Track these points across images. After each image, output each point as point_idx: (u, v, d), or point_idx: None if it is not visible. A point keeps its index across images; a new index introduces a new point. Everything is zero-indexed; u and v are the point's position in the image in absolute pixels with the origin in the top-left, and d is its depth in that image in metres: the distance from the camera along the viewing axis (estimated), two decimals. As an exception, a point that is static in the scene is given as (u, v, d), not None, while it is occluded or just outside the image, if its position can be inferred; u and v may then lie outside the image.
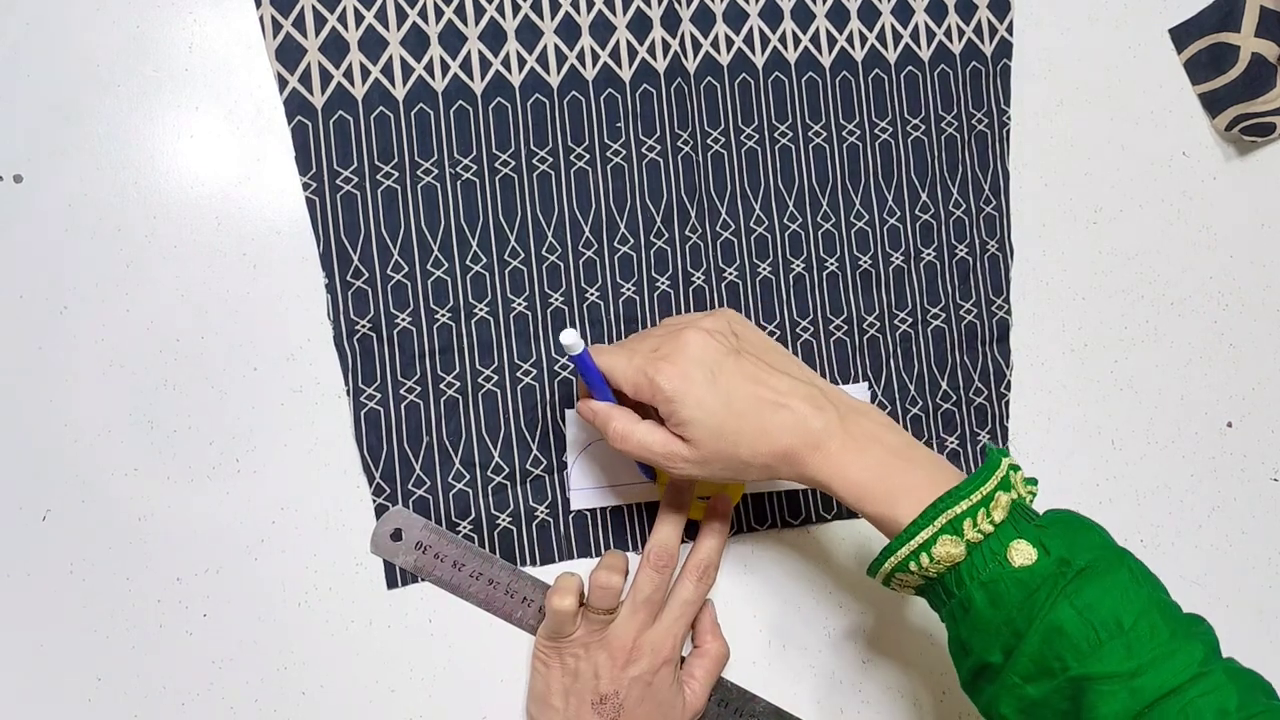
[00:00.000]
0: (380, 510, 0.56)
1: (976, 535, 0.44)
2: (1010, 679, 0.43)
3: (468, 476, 0.56)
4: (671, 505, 0.55)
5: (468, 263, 0.57)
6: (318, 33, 0.55)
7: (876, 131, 0.62)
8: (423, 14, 0.56)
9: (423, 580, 0.56)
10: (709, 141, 0.60)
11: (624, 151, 0.59)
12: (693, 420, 0.47)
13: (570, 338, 0.48)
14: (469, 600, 0.56)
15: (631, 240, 0.59)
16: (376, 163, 0.56)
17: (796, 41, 0.61)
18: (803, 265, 0.61)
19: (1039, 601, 0.42)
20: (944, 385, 0.62)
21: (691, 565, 0.55)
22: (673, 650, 0.54)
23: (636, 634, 0.53)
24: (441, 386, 0.56)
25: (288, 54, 0.55)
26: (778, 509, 0.60)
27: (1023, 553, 0.43)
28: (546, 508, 0.57)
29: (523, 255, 0.57)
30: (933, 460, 0.47)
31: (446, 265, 0.56)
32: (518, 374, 0.57)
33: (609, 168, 0.58)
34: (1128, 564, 0.44)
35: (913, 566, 0.45)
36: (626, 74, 0.59)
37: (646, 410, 0.51)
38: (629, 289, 0.59)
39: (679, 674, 0.55)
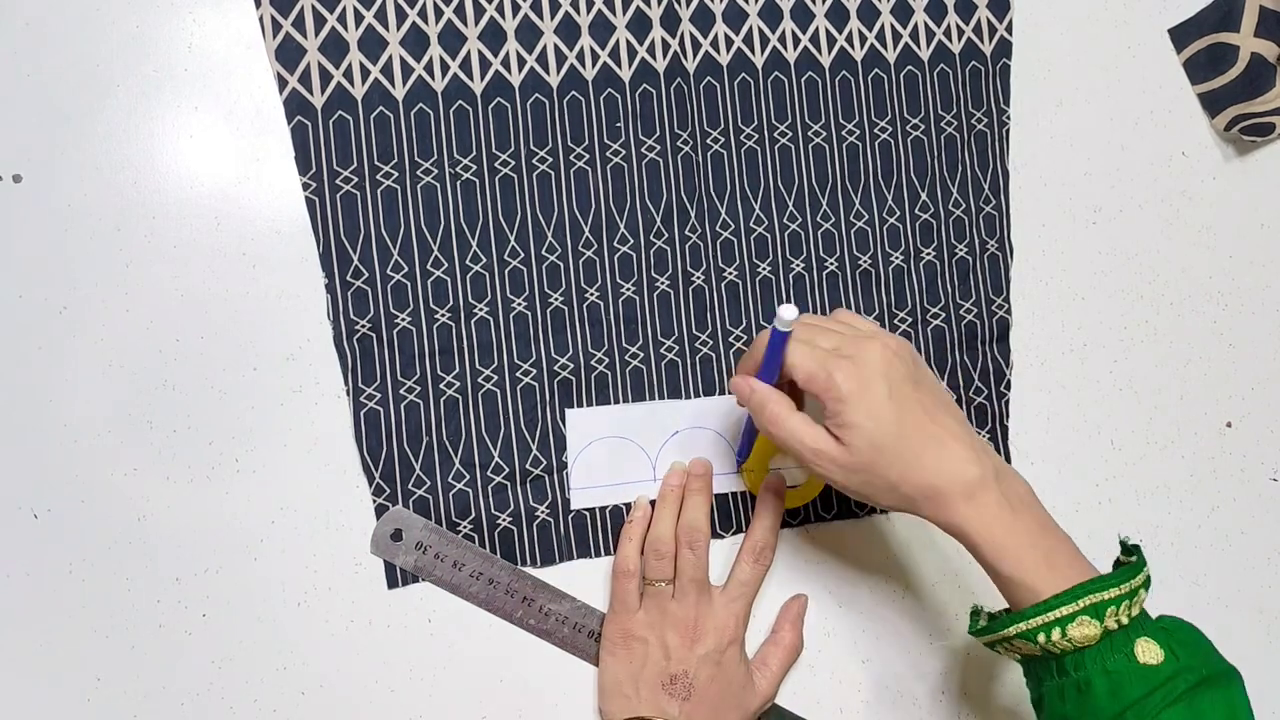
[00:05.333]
0: (380, 510, 0.56)
1: (1114, 624, 0.45)
2: None
3: (468, 476, 0.56)
4: (695, 490, 0.57)
5: (468, 263, 0.57)
6: (317, 33, 0.55)
7: (876, 131, 0.62)
8: (422, 14, 0.56)
9: (423, 580, 0.56)
10: (709, 141, 0.60)
11: (624, 151, 0.59)
12: (857, 426, 0.47)
13: (790, 314, 0.47)
14: (469, 600, 0.56)
15: (631, 240, 0.59)
16: (376, 163, 0.56)
17: (796, 41, 0.61)
18: (802, 265, 0.61)
19: (1155, 701, 0.44)
20: (944, 385, 0.62)
21: (747, 547, 0.57)
22: (736, 630, 0.55)
23: (696, 612, 0.54)
24: (441, 386, 0.56)
25: (287, 54, 0.55)
26: (778, 509, 0.60)
27: (1150, 651, 0.45)
28: (547, 508, 0.57)
29: (522, 255, 0.57)
30: (1071, 543, 0.48)
31: (446, 265, 0.56)
32: (518, 374, 0.57)
33: (609, 168, 0.58)
34: (1238, 683, 0.46)
35: (1040, 638, 0.45)
36: (626, 74, 0.59)
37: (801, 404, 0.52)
38: (629, 289, 0.59)
39: (747, 659, 0.56)
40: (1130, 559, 0.48)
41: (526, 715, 0.56)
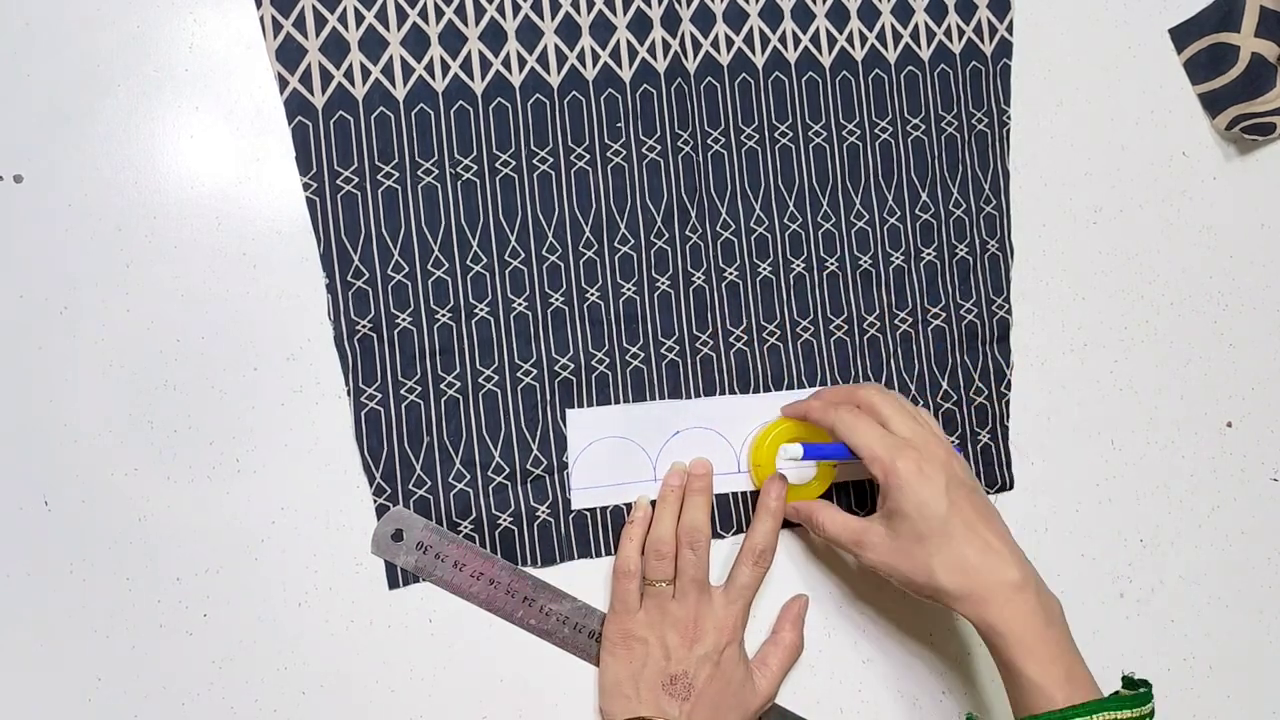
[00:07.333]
0: (381, 510, 0.56)
1: None
2: None
3: (468, 476, 0.56)
4: (695, 491, 0.57)
5: (468, 263, 0.57)
6: (318, 33, 0.55)
7: (876, 131, 0.62)
8: (423, 14, 0.56)
9: (423, 580, 0.56)
10: (709, 141, 0.60)
11: (624, 151, 0.59)
12: (905, 515, 0.51)
13: (792, 452, 0.56)
14: (470, 600, 0.56)
15: (632, 240, 0.59)
16: (377, 163, 0.56)
17: (796, 41, 0.61)
18: (803, 265, 0.61)
19: None
20: (944, 385, 0.62)
21: (746, 550, 0.57)
22: (734, 630, 0.55)
23: (696, 612, 0.55)
24: (442, 386, 0.56)
25: (288, 54, 0.55)
26: (778, 509, 0.60)
27: None
28: (547, 508, 0.57)
29: (523, 255, 0.57)
30: (1086, 666, 0.50)
31: (447, 265, 0.56)
32: (518, 374, 0.57)
33: (609, 168, 0.58)
34: None
35: None
36: (627, 74, 0.59)
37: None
38: (629, 289, 0.59)
39: (746, 659, 0.56)
40: (1136, 690, 0.49)
41: (526, 715, 0.56)
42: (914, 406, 0.56)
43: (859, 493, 0.61)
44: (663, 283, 0.59)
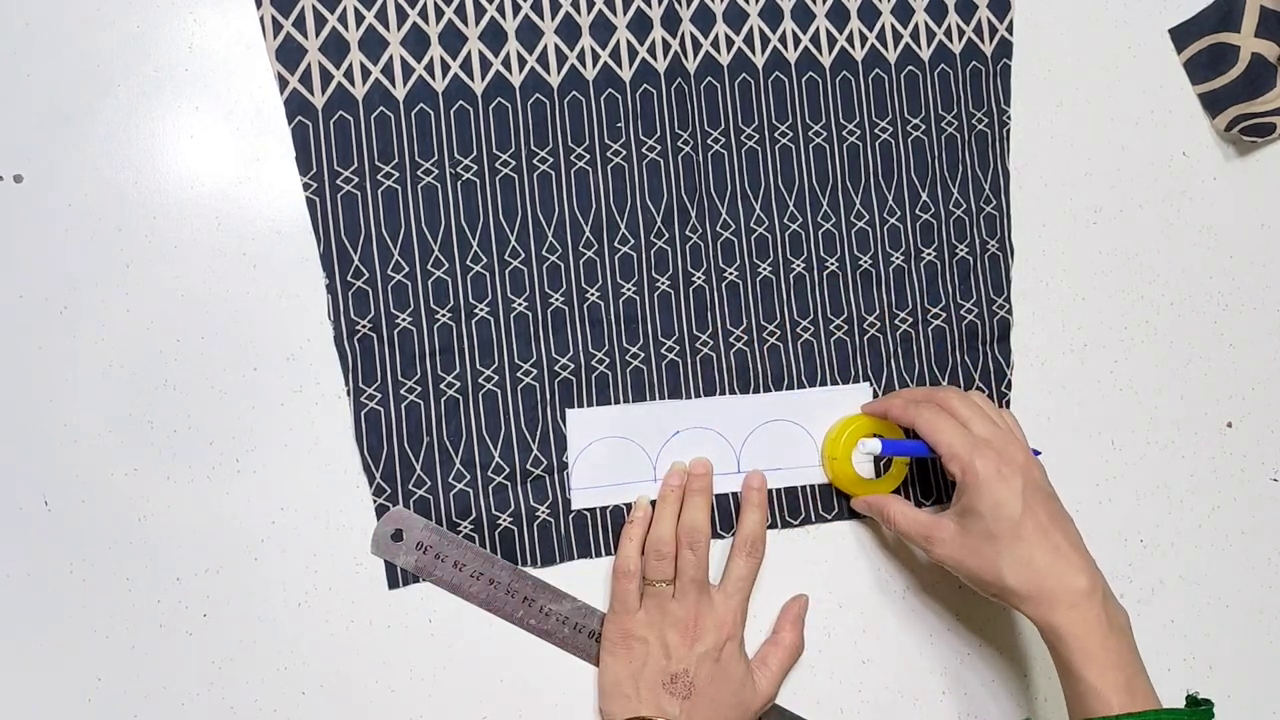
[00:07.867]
0: (381, 510, 0.56)
1: None
2: None
3: (468, 476, 0.56)
4: (695, 491, 0.57)
5: (468, 263, 0.57)
6: (318, 33, 0.55)
7: (877, 131, 0.62)
8: (423, 14, 0.56)
9: (423, 580, 0.56)
10: (709, 141, 0.60)
11: (624, 151, 0.59)
12: (979, 513, 0.52)
13: (870, 447, 0.56)
14: (470, 600, 0.56)
15: (632, 240, 0.59)
16: (377, 163, 0.56)
17: (796, 41, 0.61)
18: (803, 265, 0.61)
19: None
20: (945, 385, 0.62)
21: (738, 542, 0.57)
22: (734, 626, 0.56)
23: (696, 611, 0.55)
24: (442, 386, 0.56)
25: (288, 54, 0.55)
26: (778, 509, 0.60)
27: None
28: (547, 508, 0.57)
29: (523, 255, 0.57)
30: (1149, 679, 0.50)
31: (447, 265, 0.56)
32: (518, 374, 0.57)
33: (609, 168, 0.58)
34: None
35: None
36: (627, 74, 0.59)
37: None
38: (629, 289, 0.59)
39: (746, 657, 0.56)
40: (1198, 707, 0.50)
41: (526, 715, 0.56)
42: (996, 409, 0.56)
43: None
44: (663, 283, 0.59)
